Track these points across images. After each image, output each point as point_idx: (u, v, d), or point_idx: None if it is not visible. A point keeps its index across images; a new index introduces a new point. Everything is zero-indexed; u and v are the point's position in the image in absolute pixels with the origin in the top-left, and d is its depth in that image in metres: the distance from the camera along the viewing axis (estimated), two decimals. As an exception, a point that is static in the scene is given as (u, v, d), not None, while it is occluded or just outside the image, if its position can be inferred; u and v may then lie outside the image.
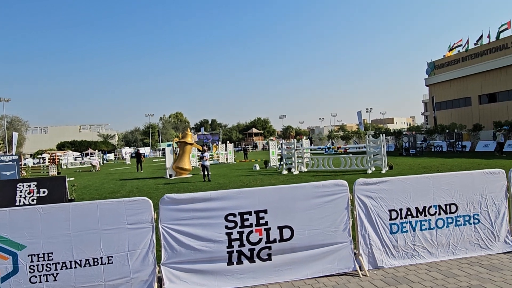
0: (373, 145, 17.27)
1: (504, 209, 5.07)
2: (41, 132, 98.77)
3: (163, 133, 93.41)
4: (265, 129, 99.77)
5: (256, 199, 4.47)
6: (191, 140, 22.02)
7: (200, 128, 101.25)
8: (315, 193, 4.61)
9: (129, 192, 14.19)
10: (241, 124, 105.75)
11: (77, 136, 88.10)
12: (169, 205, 4.25)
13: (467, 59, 40.65)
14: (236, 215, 4.39)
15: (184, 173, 20.47)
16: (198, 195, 4.37)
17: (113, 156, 66.66)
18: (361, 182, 4.75)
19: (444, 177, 5.02)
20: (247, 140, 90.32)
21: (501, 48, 36.41)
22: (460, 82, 41.69)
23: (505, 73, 36.17)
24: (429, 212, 4.88)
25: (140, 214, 4.17)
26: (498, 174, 5.09)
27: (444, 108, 44.09)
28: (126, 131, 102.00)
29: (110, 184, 17.99)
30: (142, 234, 4.17)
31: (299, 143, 21.72)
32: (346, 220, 4.64)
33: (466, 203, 4.99)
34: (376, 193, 4.77)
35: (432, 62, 46.01)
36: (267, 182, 15.17)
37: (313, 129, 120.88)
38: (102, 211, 4.10)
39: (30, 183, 11.50)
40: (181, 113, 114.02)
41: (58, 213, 4.06)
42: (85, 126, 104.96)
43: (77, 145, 76.70)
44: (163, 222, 4.23)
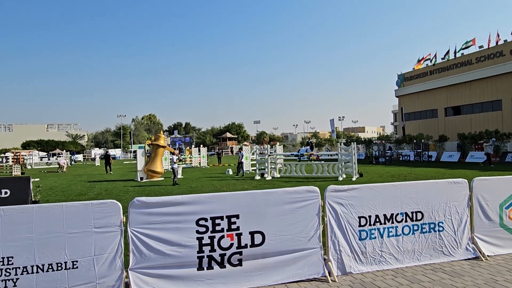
0: (345, 153, 17.63)
1: (466, 217, 5.30)
2: (5, 130, 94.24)
3: (135, 135, 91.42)
4: (239, 134, 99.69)
5: (228, 203, 4.46)
6: (164, 142, 21.68)
7: (174, 131, 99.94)
8: (287, 199, 4.64)
9: (98, 195, 13.76)
10: (215, 128, 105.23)
11: (44, 136, 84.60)
12: (139, 209, 4.16)
13: (434, 72, 42.39)
14: (207, 220, 4.35)
15: (155, 176, 20.10)
16: (169, 198, 4.30)
17: (82, 157, 64.59)
18: (332, 189, 4.83)
19: (411, 186, 5.19)
20: (221, 144, 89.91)
21: (466, 63, 38.26)
22: (427, 94, 43.38)
23: (469, 88, 38.01)
24: (396, 219, 5.03)
25: (108, 217, 4.06)
26: (461, 184, 5.32)
27: (412, 119, 45.69)
28: (97, 132, 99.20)
29: (78, 186, 17.39)
30: (110, 238, 4.05)
31: (273, 149, 21.85)
32: (316, 226, 4.70)
33: (431, 211, 5.18)
34: (346, 200, 4.86)
35: (402, 74, 47.66)
36: (239, 187, 15.14)
37: (287, 136, 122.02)
38: (68, 214, 3.96)
39: (-9, 183, 10.92)
40: (154, 115, 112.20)
41: (20, 215, 3.88)
42: (53, 125, 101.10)
43: (43, 144, 73.62)
44: (132, 226, 4.13)
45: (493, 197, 5.42)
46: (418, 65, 45.09)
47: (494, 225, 5.40)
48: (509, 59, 33.74)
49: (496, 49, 35.02)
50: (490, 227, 5.38)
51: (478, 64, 36.83)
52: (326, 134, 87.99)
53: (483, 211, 5.37)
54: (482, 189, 5.38)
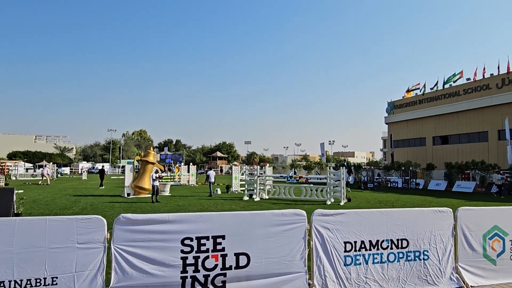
0: (334, 177, 17.71)
1: (451, 246, 5.34)
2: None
3: (125, 150, 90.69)
4: (229, 153, 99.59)
5: (214, 224, 4.43)
6: (153, 159, 21.54)
7: (164, 147, 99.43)
8: (274, 221, 4.64)
9: (83, 209, 13.51)
10: (205, 147, 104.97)
11: (32, 147, 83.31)
12: (124, 225, 4.11)
13: (423, 102, 43.34)
14: (193, 239, 4.32)
15: (143, 192, 19.86)
16: (155, 216, 4.27)
17: (69, 170, 63.60)
18: (319, 213, 4.85)
19: (397, 213, 5.24)
20: (210, 163, 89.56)
21: (454, 94, 39.27)
22: (416, 123, 44.19)
23: (457, 118, 38.87)
24: (381, 246, 5.05)
25: (92, 233, 4.00)
26: (446, 213, 5.38)
27: (401, 146, 46.31)
28: (86, 145, 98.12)
29: (63, 200, 17.05)
30: (93, 255, 3.98)
31: (262, 170, 21.86)
32: (302, 250, 4.69)
33: (416, 239, 5.21)
34: (333, 225, 4.88)
35: (392, 102, 48.60)
36: (227, 207, 15.03)
37: (277, 157, 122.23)
38: (51, 228, 3.89)
39: (-27, 193, 10.70)
40: (145, 131, 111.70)
41: (2, 227, 3.80)
42: (41, 137, 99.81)
43: (30, 156, 72.41)
44: (116, 242, 4.07)
45: (477, 228, 5.48)
46: (407, 94, 46.11)
47: (477, 255, 5.44)
48: (495, 92, 34.77)
49: (483, 82, 36.10)
50: (473, 257, 5.42)
51: (466, 95, 37.85)
52: (316, 158, 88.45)
53: (467, 241, 5.42)
54: (467, 219, 5.45)
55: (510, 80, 33.84)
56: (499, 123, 33.65)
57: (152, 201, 16.60)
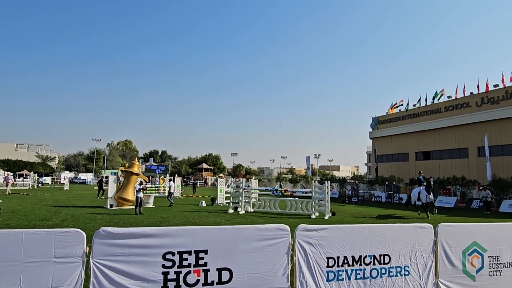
0: (318, 191, 17.79)
1: (431, 262, 5.40)
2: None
3: (109, 160, 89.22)
4: (215, 165, 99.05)
5: (197, 238, 4.39)
6: (138, 170, 21.26)
7: (149, 158, 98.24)
8: (257, 236, 4.63)
9: (63, 221, 13.17)
10: (191, 158, 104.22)
11: (13, 155, 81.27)
12: (104, 239, 4.03)
13: (406, 118, 44.23)
14: (175, 254, 4.26)
15: (126, 204, 19.51)
16: (137, 230, 4.20)
17: (51, 179, 62.14)
18: (302, 228, 4.86)
19: (379, 228, 5.29)
20: (196, 175, 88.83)
21: (436, 111, 40.23)
22: (399, 138, 44.98)
23: (438, 135, 39.75)
24: (364, 262, 5.07)
25: (71, 247, 3.91)
26: (427, 229, 5.46)
27: (385, 161, 46.94)
28: (69, 155, 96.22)
29: (43, 210, 16.60)
30: (70, 269, 3.88)
31: (248, 183, 21.80)
32: (285, 265, 4.67)
33: (398, 254, 5.26)
34: (316, 240, 4.89)
35: (376, 117, 49.44)
36: (212, 220, 14.88)
37: (263, 170, 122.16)
38: (28, 241, 3.79)
39: None
40: (130, 141, 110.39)
41: (-24, 240, 3.68)
42: (22, 145, 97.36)
43: (11, 164, 70.58)
44: (95, 257, 3.98)
45: (457, 244, 5.57)
46: (391, 110, 47.03)
47: (457, 271, 5.52)
48: (475, 110, 35.77)
49: (463, 100, 37.13)
50: (453, 273, 5.49)
51: (447, 112, 38.81)
52: (302, 171, 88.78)
53: (447, 257, 5.49)
54: (447, 235, 5.54)
55: (489, 98, 34.91)
56: (479, 140, 34.54)
57: (135, 213, 16.32)
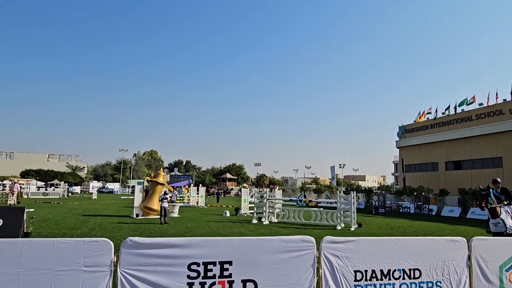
0: (344, 201, 17.47)
1: (465, 278, 5.15)
2: (6, 158, 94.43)
3: (135, 170, 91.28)
4: (239, 175, 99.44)
5: (222, 249, 4.37)
6: (163, 180, 21.61)
7: (174, 168, 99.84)
8: (282, 248, 4.56)
9: (91, 230, 13.50)
10: (215, 168, 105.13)
11: (45, 165, 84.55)
12: (131, 249, 4.08)
13: (435, 126, 42.99)
14: (199, 265, 4.25)
15: (151, 213, 19.82)
16: (162, 240, 4.24)
17: (80, 189, 64.13)
18: (328, 240, 4.76)
19: (409, 241, 5.11)
20: (220, 184, 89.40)
21: (466, 119, 38.89)
22: (428, 147, 43.70)
23: (470, 143, 38.33)
24: (393, 276, 4.90)
25: (99, 256, 3.98)
26: (459, 243, 5.23)
27: (413, 171, 45.65)
28: (97, 165, 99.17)
29: (72, 219, 17.11)
30: (99, 278, 3.95)
31: (272, 193, 21.70)
32: (311, 278, 4.58)
33: (429, 269, 5.05)
34: (342, 252, 4.77)
35: (403, 126, 48.32)
36: (236, 231, 14.86)
37: (287, 180, 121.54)
38: (59, 250, 3.88)
39: (-16, 211, 10.80)
40: (155, 151, 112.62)
41: (10, 248, 3.81)
42: (54, 155, 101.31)
43: (43, 174, 73.43)
44: (123, 266, 4.03)
45: (493, 259, 5.30)
46: (419, 118, 45.85)
47: (493, 287, 5.23)
48: (508, 118, 34.33)
49: (496, 107, 35.74)
50: (490, 289, 5.21)
51: (478, 120, 37.43)
52: (327, 181, 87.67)
53: (482, 273, 5.23)
54: (481, 250, 5.28)
55: (523, 105, 33.46)
56: (514, 149, 33.06)
57: (160, 222, 16.54)
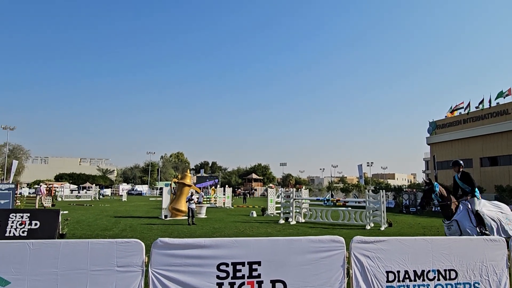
0: (373, 201, 17.10)
1: (506, 279, 4.92)
2: (41, 162, 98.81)
3: (163, 172, 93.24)
4: (265, 175, 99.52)
5: (250, 249, 4.38)
6: (190, 181, 21.92)
7: (200, 169, 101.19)
8: (310, 248, 4.51)
9: (122, 231, 13.88)
10: (241, 169, 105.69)
11: (77, 169, 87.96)
12: (162, 250, 4.15)
13: (468, 121, 41.40)
14: (228, 265, 4.27)
15: (179, 214, 20.14)
16: (192, 241, 4.29)
17: (110, 191, 66.12)
18: (358, 240, 4.66)
19: (443, 241, 4.93)
20: (246, 185, 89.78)
21: (502, 113, 37.19)
22: (461, 143, 42.14)
23: (506, 138, 36.63)
24: (427, 277, 4.73)
25: (131, 256, 4.07)
26: (498, 242, 4.99)
27: (445, 168, 44.09)
28: (126, 167, 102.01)
29: (104, 221, 17.66)
30: (131, 278, 4.04)
31: (298, 193, 21.57)
32: (341, 279, 4.50)
33: (466, 270, 4.85)
34: (373, 253, 4.66)
35: (434, 122, 46.83)
36: (263, 231, 14.86)
37: (313, 179, 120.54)
38: (93, 251, 4.01)
39: (23, 214, 11.36)
40: (182, 153, 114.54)
41: (48, 249, 3.97)
42: (85, 159, 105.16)
43: (75, 177, 76.38)
44: (154, 266, 4.11)
45: (535, 259, 5.03)
46: (451, 113, 44.28)
47: (537, 289, 4.96)
48: (548, 110, 32.57)
49: (533, 100, 34.01)
50: (532, 291, 4.94)
51: (515, 114, 35.74)
52: (354, 180, 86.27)
53: (524, 274, 4.97)
54: (522, 249, 5.02)
55: None
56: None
57: (188, 223, 16.78)
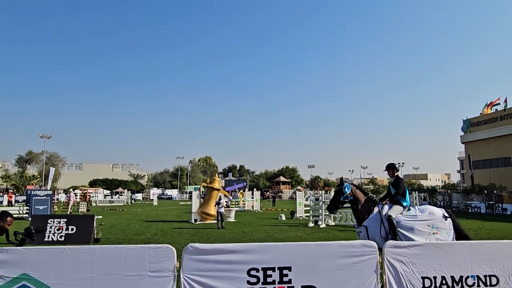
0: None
1: (553, 285, 4.62)
2: (76, 169, 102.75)
3: (192, 176, 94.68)
4: (292, 178, 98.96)
5: (280, 254, 4.35)
6: (219, 185, 22.12)
7: (228, 173, 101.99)
8: (342, 253, 4.42)
9: (154, 235, 14.18)
10: (268, 172, 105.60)
11: (109, 174, 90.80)
12: (192, 255, 4.20)
13: (505, 118, 39.52)
14: (259, 270, 4.26)
15: (209, 218, 20.36)
16: (222, 246, 4.31)
17: (141, 196, 67.82)
18: (391, 244, 4.53)
19: (482, 245, 4.70)
20: (274, 188, 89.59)
21: (542, 109, 35.29)
22: (498, 141, 40.25)
23: (547, 135, 34.69)
24: (466, 283, 4.53)
25: (163, 262, 4.14)
26: (543, 246, 4.71)
27: (481, 167, 42.27)
28: (156, 172, 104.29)
29: (136, 225, 18.12)
30: (163, 283, 4.10)
31: (328, 195, 21.29)
32: (375, 285, 4.38)
33: (508, 275, 4.60)
34: (407, 258, 4.51)
35: (468, 120, 45.03)
36: (292, 235, 14.75)
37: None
38: (126, 256, 4.11)
39: (61, 219, 11.86)
40: (210, 157, 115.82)
41: (84, 255, 4.11)
42: (117, 165, 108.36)
43: (108, 183, 78.89)
44: (185, 272, 4.16)
45: None
46: (486, 110, 42.44)
47: None
48: None
49: None
50: None
51: (556, 109, 33.80)
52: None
53: None
54: None
55: None
56: None
57: (217, 227, 16.92)
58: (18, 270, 3.94)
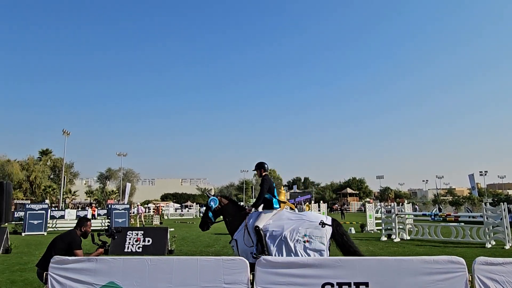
0: (492, 215, 15.02)
1: None
2: (149, 184, 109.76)
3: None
4: (360, 189, 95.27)
5: (356, 269, 4.16)
6: (284, 198, 22.04)
7: (293, 186, 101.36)
8: (424, 269, 4.10)
9: (223, 247, 14.49)
10: (334, 184, 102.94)
11: (179, 189, 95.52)
12: (266, 268, 4.20)
13: None
14: (334, 285, 4.11)
15: (276, 231, 20.30)
16: (295, 260, 4.26)
17: (209, 209, 69.87)
18: (482, 261, 4.09)
19: None
20: (341, 200, 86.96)
21: None
22: None
23: None
24: None
25: (237, 274, 4.19)
26: None
27: None
28: (222, 186, 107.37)
29: (206, 238, 18.67)
30: (238, 295, 4.14)
31: (400, 207, 20.09)
32: (464, 306, 3.98)
33: None
34: (503, 276, 4.04)
35: (562, 121, 39.81)
36: (364, 249, 14.06)
37: (415, 192, 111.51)
38: (202, 267, 4.23)
39: (138, 231, 12.66)
40: (274, 170, 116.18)
41: (163, 265, 4.31)
42: (186, 180, 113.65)
43: (178, 197, 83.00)
44: (259, 284, 4.16)
45: None
46: None
47: None
48: None
49: None
50: None
51: None
52: (464, 191, 77.43)
53: None
54: None
55: None
56: None
57: None
58: (106, 278, 4.25)
